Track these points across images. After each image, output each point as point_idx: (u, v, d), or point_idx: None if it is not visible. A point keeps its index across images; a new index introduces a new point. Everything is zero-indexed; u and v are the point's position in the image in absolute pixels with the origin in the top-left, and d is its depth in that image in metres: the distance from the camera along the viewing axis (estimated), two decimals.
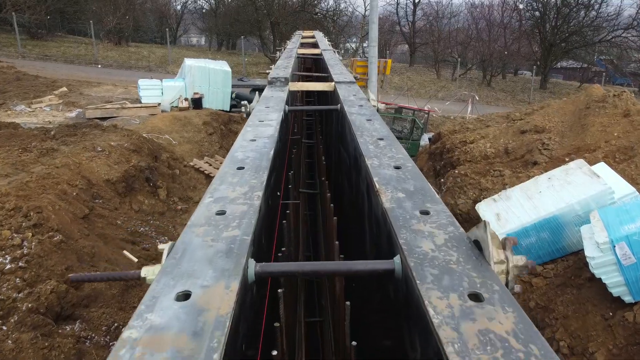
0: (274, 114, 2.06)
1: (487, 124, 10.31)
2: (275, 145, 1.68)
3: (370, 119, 2.14)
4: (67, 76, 20.09)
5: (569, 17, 29.77)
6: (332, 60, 4.29)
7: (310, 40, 7.96)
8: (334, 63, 4.15)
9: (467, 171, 8.12)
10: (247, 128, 1.88)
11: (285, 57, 4.08)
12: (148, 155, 11.09)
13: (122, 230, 7.70)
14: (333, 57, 5.19)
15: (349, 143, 2.13)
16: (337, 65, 4.05)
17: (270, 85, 2.72)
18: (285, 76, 2.65)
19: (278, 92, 2.53)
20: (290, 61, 3.89)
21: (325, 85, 3.16)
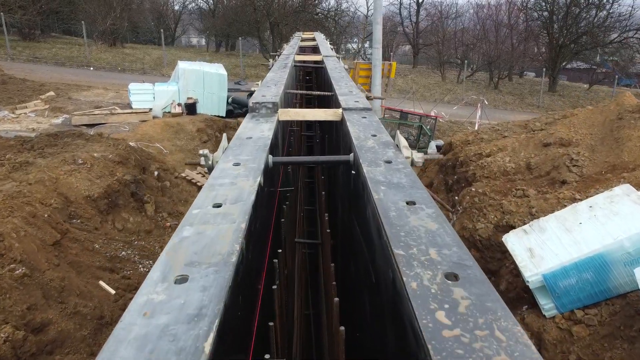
0: (246, 181, 1.19)
1: (504, 134, 9.56)
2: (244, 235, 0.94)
3: (412, 201, 1.16)
4: (57, 79, 19.38)
5: (579, 17, 29.01)
6: (336, 71, 3.56)
7: (310, 44, 7.21)
8: (340, 76, 3.45)
9: (485, 189, 7.37)
10: (193, 212, 1.10)
11: (278, 68, 3.35)
12: (135, 167, 10.35)
13: (100, 256, 6.95)
14: (337, 66, 4.42)
15: None
16: (343, 79, 3.31)
17: (253, 113, 1.97)
18: (273, 101, 1.89)
19: (260, 128, 1.77)
20: (285, 74, 3.14)
21: (329, 113, 2.35)
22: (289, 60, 4.05)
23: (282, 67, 3.51)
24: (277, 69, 3.28)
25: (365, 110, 1.99)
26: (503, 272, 6.38)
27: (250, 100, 2.02)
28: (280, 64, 3.76)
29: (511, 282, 6.05)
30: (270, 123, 1.82)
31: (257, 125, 1.78)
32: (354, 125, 1.80)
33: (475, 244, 6.86)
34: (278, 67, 3.58)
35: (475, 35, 34.04)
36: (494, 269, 6.66)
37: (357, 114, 1.94)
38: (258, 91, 2.27)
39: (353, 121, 1.84)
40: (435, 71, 34.08)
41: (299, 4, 32.21)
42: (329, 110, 1.98)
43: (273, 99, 2.05)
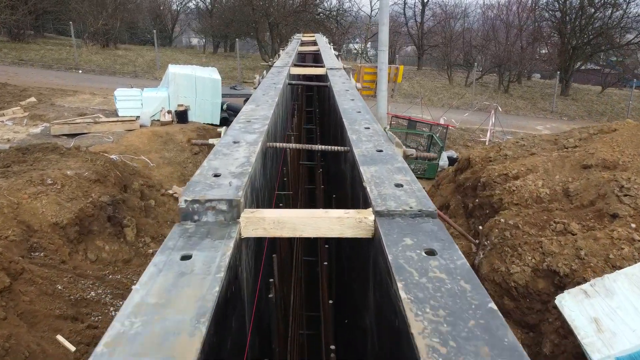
0: None
1: (531, 150, 8.54)
2: None
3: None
4: (41, 83, 18.42)
5: (593, 17, 27.96)
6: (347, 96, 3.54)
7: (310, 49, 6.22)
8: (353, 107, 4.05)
9: (517, 221, 6.35)
10: None
11: (264, 91, 2.80)
12: (115, 185, 9.35)
13: (62, 301, 5.94)
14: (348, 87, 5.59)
15: None
16: (361, 113, 3.82)
17: (185, 223, 0.99)
18: (228, 197, 1.05)
19: None
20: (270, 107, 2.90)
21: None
22: (282, 76, 3.04)
23: (271, 89, 2.50)
24: (262, 94, 2.27)
25: (424, 217, 0.97)
26: (546, 328, 5.35)
27: (183, 195, 1.02)
28: (268, 82, 2.75)
29: (558, 345, 5.02)
30: (213, 272, 0.80)
31: (179, 278, 0.77)
32: None
33: (509, 292, 5.84)
34: (266, 87, 2.57)
35: (483, 35, 32.99)
36: (533, 323, 5.65)
37: (408, 227, 0.92)
38: (207, 161, 1.28)
39: None
40: (441, 73, 33.06)
41: (299, 3, 31.22)
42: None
43: (230, 190, 1.04)
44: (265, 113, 1.84)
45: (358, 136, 1.63)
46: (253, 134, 1.57)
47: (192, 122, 14.18)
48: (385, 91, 15.74)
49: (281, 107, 2.42)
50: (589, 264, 5.24)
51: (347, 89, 2.55)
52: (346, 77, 3.11)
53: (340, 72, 3.39)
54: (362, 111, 1.99)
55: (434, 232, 0.89)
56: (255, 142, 1.47)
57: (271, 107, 1.92)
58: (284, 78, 2.87)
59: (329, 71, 3.49)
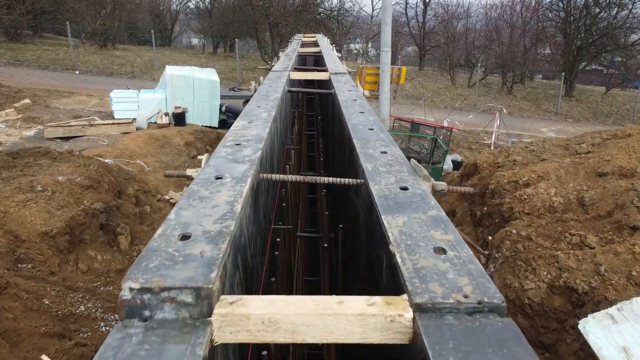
0: None
1: (541, 156, 8.23)
2: None
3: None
4: (37, 84, 18.12)
5: (599, 17, 27.62)
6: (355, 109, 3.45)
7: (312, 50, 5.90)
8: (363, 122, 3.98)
9: (530, 233, 6.04)
10: None
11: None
12: (109, 192, 9.04)
13: (49, 317, 5.63)
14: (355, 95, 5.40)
15: None
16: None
17: None
18: (196, 285, 0.77)
19: None
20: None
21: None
22: (281, 82, 2.73)
23: (268, 99, 2.19)
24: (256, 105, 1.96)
25: (487, 314, 0.66)
26: (563, 350, 5.04)
27: (127, 278, 0.70)
28: (265, 91, 2.44)
29: None
30: None
31: None
32: None
33: (523, 309, 5.53)
34: (262, 96, 2.26)
35: (486, 36, 32.66)
36: (549, 343, 5.33)
37: (465, 333, 0.61)
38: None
39: None
40: (443, 74, 32.74)
41: (299, 3, 30.91)
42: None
43: (200, 268, 0.73)
44: (259, 132, 1.52)
45: (374, 165, 1.32)
46: (242, 164, 1.27)
47: (189, 124, 13.88)
48: (388, 93, 15.43)
49: (279, 121, 2.11)
50: (610, 281, 4.93)
51: (355, 98, 2.25)
52: (352, 84, 2.80)
53: (346, 77, 3.08)
54: (375, 128, 1.68)
55: (507, 344, 0.58)
56: (243, 178, 1.18)
57: (267, 123, 1.61)
58: (282, 85, 2.56)
59: (333, 76, 3.18)
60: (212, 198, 1.06)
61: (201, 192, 1.07)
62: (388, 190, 1.13)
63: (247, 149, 1.35)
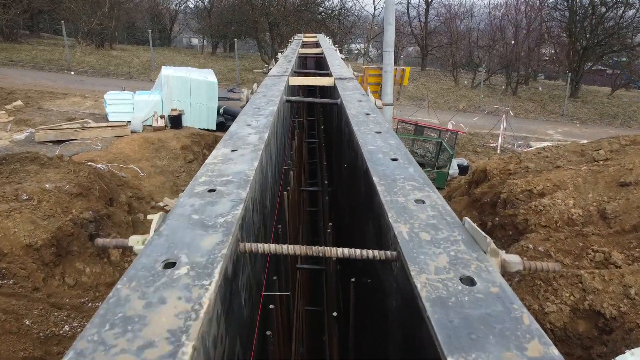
0: None
1: (555, 163, 7.83)
2: None
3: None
4: (30, 85, 17.73)
5: (605, 17, 27.19)
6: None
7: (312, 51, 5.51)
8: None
9: (548, 248, 5.65)
10: None
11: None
12: (99, 199, 8.65)
13: (29, 339, 5.24)
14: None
15: None
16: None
17: None
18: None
19: None
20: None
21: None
22: (278, 90, 2.33)
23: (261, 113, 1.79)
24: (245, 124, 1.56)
25: None
26: None
27: None
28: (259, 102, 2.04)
29: None
30: None
31: None
32: None
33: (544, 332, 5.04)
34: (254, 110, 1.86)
35: (490, 36, 32.22)
36: None
37: None
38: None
39: None
40: (446, 74, 32.32)
41: (300, 2, 30.50)
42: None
43: None
44: (245, 169, 1.11)
45: (410, 226, 0.89)
46: (213, 233, 0.84)
47: (186, 127, 13.49)
48: (391, 94, 15.04)
49: (274, 142, 1.72)
50: None
51: (368, 111, 1.85)
52: (361, 92, 2.41)
53: (353, 83, 2.68)
54: (400, 157, 1.28)
55: None
56: (211, 262, 0.76)
57: (256, 152, 1.21)
58: (280, 94, 2.17)
59: (338, 82, 2.78)
60: (146, 322, 0.65)
61: (131, 306, 0.66)
62: (444, 287, 0.71)
63: (224, 200, 0.94)
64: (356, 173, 1.44)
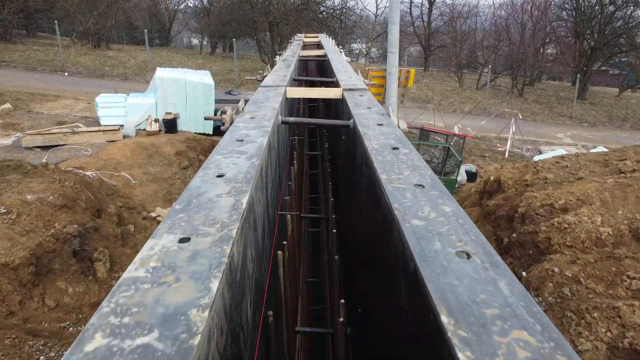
0: None
1: (577, 173, 7.31)
2: None
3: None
4: (21, 87, 17.23)
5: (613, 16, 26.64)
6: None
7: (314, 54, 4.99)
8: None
9: (576, 273, 5.14)
10: None
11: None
12: (86, 211, 8.15)
13: None
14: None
15: None
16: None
17: None
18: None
19: None
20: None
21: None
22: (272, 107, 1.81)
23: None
24: (217, 171, 1.03)
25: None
26: None
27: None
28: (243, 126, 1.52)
29: None
30: None
31: None
32: None
33: None
34: (233, 142, 1.33)
35: (495, 36, 31.68)
36: None
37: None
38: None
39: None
40: (450, 75, 31.76)
41: (300, 1, 29.98)
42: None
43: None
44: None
45: (477, 341, 0.43)
46: None
47: (181, 131, 12.98)
48: (396, 97, 14.51)
49: (263, 194, 1.20)
50: None
51: (395, 143, 1.32)
52: (379, 109, 1.89)
53: (366, 96, 2.16)
54: (477, 252, 0.77)
55: None
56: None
57: (228, 233, 0.70)
58: (273, 114, 1.65)
59: (348, 94, 2.26)
60: None
61: None
62: None
63: None
64: (385, 227, 0.93)
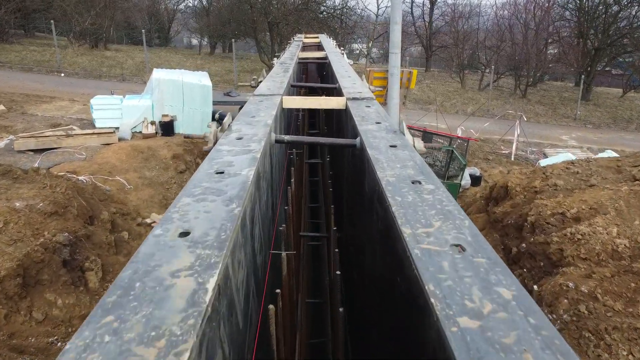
0: None
1: (588, 180, 7.03)
2: None
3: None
4: (16, 88, 16.95)
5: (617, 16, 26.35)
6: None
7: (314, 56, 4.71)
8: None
9: (593, 289, 4.87)
10: None
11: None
12: (78, 218, 7.87)
13: None
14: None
15: None
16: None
17: None
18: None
19: None
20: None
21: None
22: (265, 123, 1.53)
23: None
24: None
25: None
26: None
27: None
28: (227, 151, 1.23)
29: None
30: None
31: None
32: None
33: None
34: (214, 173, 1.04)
35: (498, 36, 31.36)
36: None
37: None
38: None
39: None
40: (452, 76, 31.46)
41: (300, 1, 29.69)
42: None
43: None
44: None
45: None
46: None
47: (178, 134, 12.70)
48: (398, 99, 14.21)
49: (247, 236, 0.93)
50: None
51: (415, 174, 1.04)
52: (389, 124, 1.61)
53: (374, 107, 1.88)
54: (535, 330, 0.52)
55: None
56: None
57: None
58: (267, 131, 1.38)
59: (352, 104, 1.98)
60: None
61: None
62: None
63: None
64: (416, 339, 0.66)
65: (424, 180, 1.05)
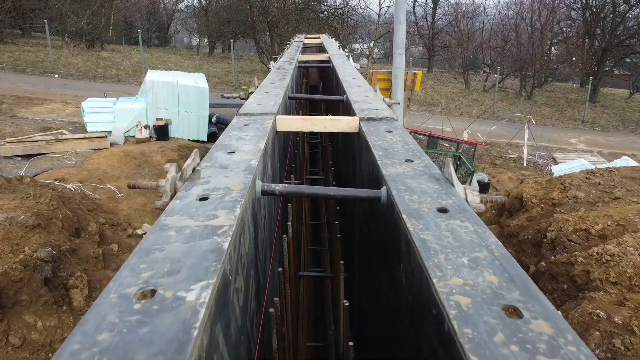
0: None
1: (612, 192, 6.56)
2: None
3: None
4: (7, 90, 16.50)
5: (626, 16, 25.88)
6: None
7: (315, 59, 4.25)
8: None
9: (629, 321, 4.41)
10: None
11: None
12: (63, 230, 7.40)
13: None
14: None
15: None
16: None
17: None
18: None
19: None
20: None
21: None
22: (246, 163, 1.04)
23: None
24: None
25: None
26: None
27: None
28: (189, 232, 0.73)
29: None
30: None
31: None
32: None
33: None
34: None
35: (502, 36, 30.88)
36: None
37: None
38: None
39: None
40: (456, 77, 30.98)
41: (301, 0, 29.22)
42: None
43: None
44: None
45: None
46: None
47: (173, 138, 12.23)
48: (402, 100, 13.79)
49: None
50: None
51: (508, 292, 0.62)
52: (428, 162, 1.15)
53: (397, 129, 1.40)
54: None
55: None
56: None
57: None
58: (250, 180, 0.91)
59: (367, 126, 1.51)
60: None
61: None
62: None
63: None
64: None
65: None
